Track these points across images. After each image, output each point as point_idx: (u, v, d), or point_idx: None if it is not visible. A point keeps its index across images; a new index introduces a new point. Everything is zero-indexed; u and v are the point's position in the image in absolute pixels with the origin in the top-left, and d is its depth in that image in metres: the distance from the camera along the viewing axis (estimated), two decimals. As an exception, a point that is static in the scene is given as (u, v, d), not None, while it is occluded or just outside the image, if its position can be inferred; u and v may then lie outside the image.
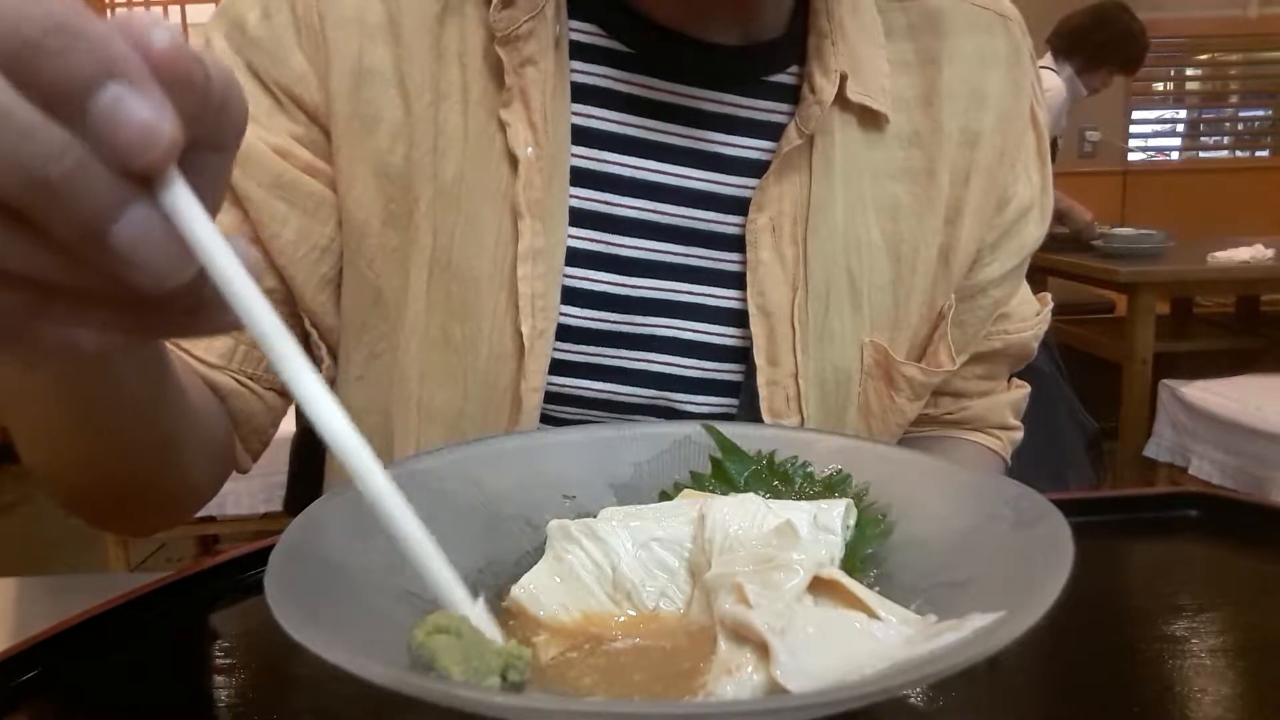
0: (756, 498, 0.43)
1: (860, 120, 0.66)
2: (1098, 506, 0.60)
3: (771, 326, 0.65)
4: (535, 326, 0.61)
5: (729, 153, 0.65)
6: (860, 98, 0.64)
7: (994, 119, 0.68)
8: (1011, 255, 0.72)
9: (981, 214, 0.69)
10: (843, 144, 0.65)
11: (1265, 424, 2.26)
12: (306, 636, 0.29)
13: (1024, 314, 0.77)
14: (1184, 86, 4.99)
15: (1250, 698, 0.42)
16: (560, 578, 0.40)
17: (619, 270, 0.64)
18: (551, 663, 0.36)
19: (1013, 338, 0.76)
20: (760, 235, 0.64)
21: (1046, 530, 0.36)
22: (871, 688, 0.29)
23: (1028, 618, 0.29)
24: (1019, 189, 0.71)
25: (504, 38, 0.59)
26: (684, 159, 0.64)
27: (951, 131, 0.67)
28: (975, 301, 0.72)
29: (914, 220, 0.67)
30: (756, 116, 0.65)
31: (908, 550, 0.41)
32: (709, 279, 0.65)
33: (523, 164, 0.60)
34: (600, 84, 0.63)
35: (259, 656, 0.46)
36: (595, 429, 0.50)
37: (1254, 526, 0.59)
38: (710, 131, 0.64)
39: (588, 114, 0.63)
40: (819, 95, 0.63)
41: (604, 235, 0.64)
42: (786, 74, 0.65)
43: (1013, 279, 0.74)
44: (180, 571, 0.50)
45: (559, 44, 0.61)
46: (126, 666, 0.45)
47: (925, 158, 0.67)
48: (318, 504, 0.39)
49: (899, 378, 0.68)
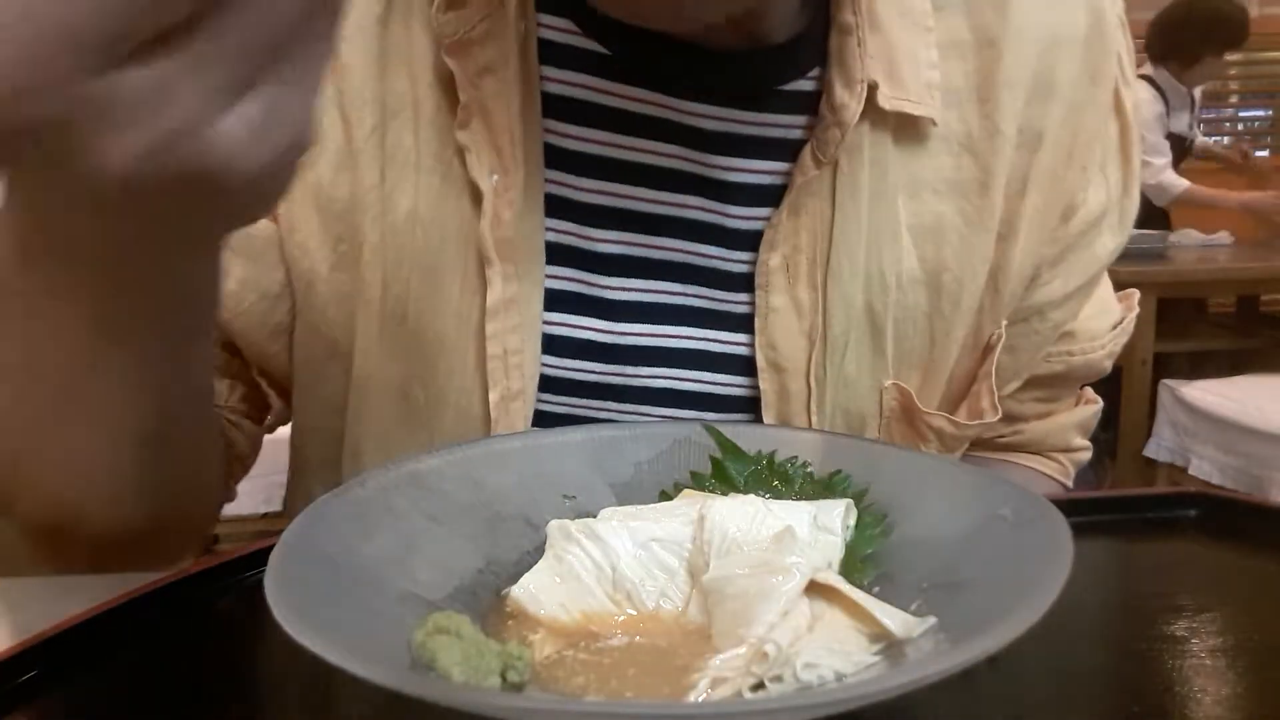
0: (756, 499, 0.43)
1: (897, 132, 0.54)
2: (1098, 506, 0.60)
3: (783, 383, 0.56)
4: (509, 388, 0.53)
5: (734, 179, 0.55)
6: (897, 104, 0.53)
7: (1062, 113, 0.57)
8: (1077, 273, 0.61)
9: (1042, 227, 0.58)
10: (873, 161, 0.54)
11: (1265, 424, 2.27)
12: (306, 636, 0.29)
13: (1094, 330, 0.66)
14: (1184, 86, 4.98)
15: (1250, 698, 0.42)
16: (560, 577, 0.40)
17: (605, 315, 0.55)
18: (546, 661, 0.36)
19: (1077, 360, 0.65)
20: (773, 277, 0.54)
21: (1046, 530, 0.36)
22: (871, 688, 0.29)
23: (1028, 618, 0.29)
24: (1090, 194, 0.59)
25: (455, 44, 0.49)
26: (679, 185, 0.54)
27: (1010, 133, 0.56)
28: (1030, 325, 0.61)
29: (960, 245, 0.56)
30: (768, 134, 0.55)
31: (908, 550, 0.41)
32: (711, 322, 0.56)
33: (487, 196, 0.50)
34: (577, 94, 0.53)
35: (259, 656, 0.46)
36: (595, 429, 0.50)
37: (1254, 526, 0.59)
38: (710, 154, 0.54)
39: (563, 132, 0.53)
40: (839, 114, 0.52)
41: (586, 275, 0.55)
42: (806, 79, 0.54)
43: (1078, 299, 0.63)
44: (180, 571, 0.50)
45: (525, 46, 0.51)
46: (126, 666, 0.45)
47: (978, 167, 0.56)
48: (318, 504, 0.39)
49: (925, 428, 0.58)
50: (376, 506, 0.41)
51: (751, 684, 0.33)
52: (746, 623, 0.35)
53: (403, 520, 0.41)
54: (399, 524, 0.41)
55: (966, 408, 0.60)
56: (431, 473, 0.44)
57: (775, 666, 0.33)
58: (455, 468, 0.45)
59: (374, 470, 0.43)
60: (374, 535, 0.40)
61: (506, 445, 0.48)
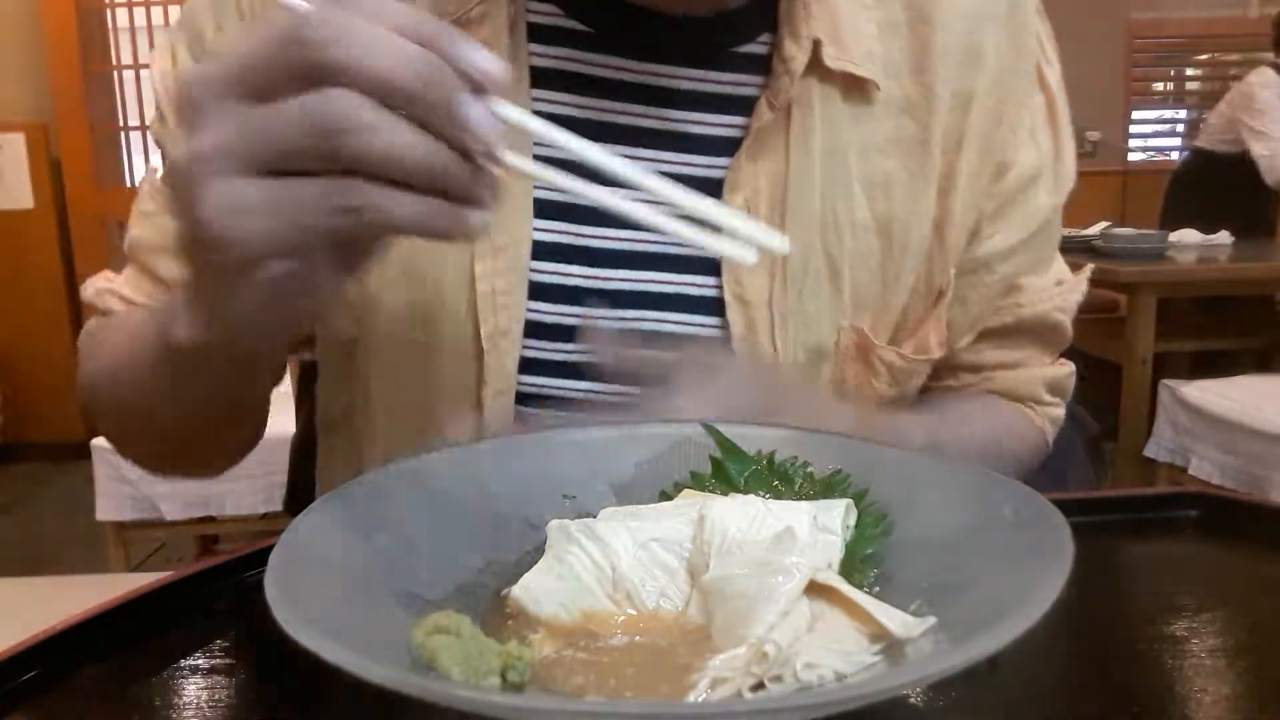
0: (756, 499, 0.43)
1: (845, 91, 0.62)
2: (1098, 506, 0.60)
3: (750, 316, 0.62)
4: (497, 325, 0.60)
5: (699, 131, 0.62)
6: (841, 64, 0.60)
7: (989, 80, 0.64)
8: (1017, 226, 0.67)
9: (976, 182, 0.65)
10: (824, 117, 0.61)
11: (1265, 424, 2.26)
12: (306, 636, 0.29)
13: (1040, 286, 0.71)
14: (1184, 86, 4.99)
15: (1250, 698, 0.42)
16: (560, 578, 0.40)
17: (590, 263, 0.62)
18: (545, 661, 0.36)
19: (1026, 311, 0.70)
20: None
21: (1046, 530, 0.36)
22: (871, 688, 0.29)
23: (1028, 618, 0.29)
24: (1021, 155, 0.66)
25: (455, 22, 0.58)
26: (652, 141, 0.62)
27: (944, 95, 0.63)
28: (979, 277, 0.68)
29: (907, 196, 0.64)
30: (726, 91, 0.62)
31: (908, 550, 0.41)
32: (684, 267, 0.63)
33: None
34: (561, 67, 0.61)
35: (259, 656, 0.46)
36: (595, 429, 0.50)
37: (1254, 526, 0.59)
38: (678, 110, 0.62)
39: (549, 99, 0.61)
40: (789, 64, 0.60)
41: (572, 227, 0.62)
42: (758, 43, 0.62)
43: (1024, 253, 0.69)
44: (180, 571, 0.50)
45: (515, 27, 0.59)
46: (127, 666, 0.45)
47: (918, 126, 0.63)
48: (318, 504, 0.39)
49: (877, 362, 0.65)
50: (376, 506, 0.41)
51: (751, 684, 0.33)
52: (746, 623, 0.35)
53: (403, 520, 0.41)
54: (399, 524, 0.41)
55: (914, 344, 0.66)
56: (431, 473, 0.44)
57: (775, 666, 0.33)
58: (455, 468, 0.45)
59: (374, 470, 0.43)
60: (374, 535, 0.40)
61: (506, 445, 0.48)
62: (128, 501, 2.39)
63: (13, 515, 3.54)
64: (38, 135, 3.99)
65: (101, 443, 2.40)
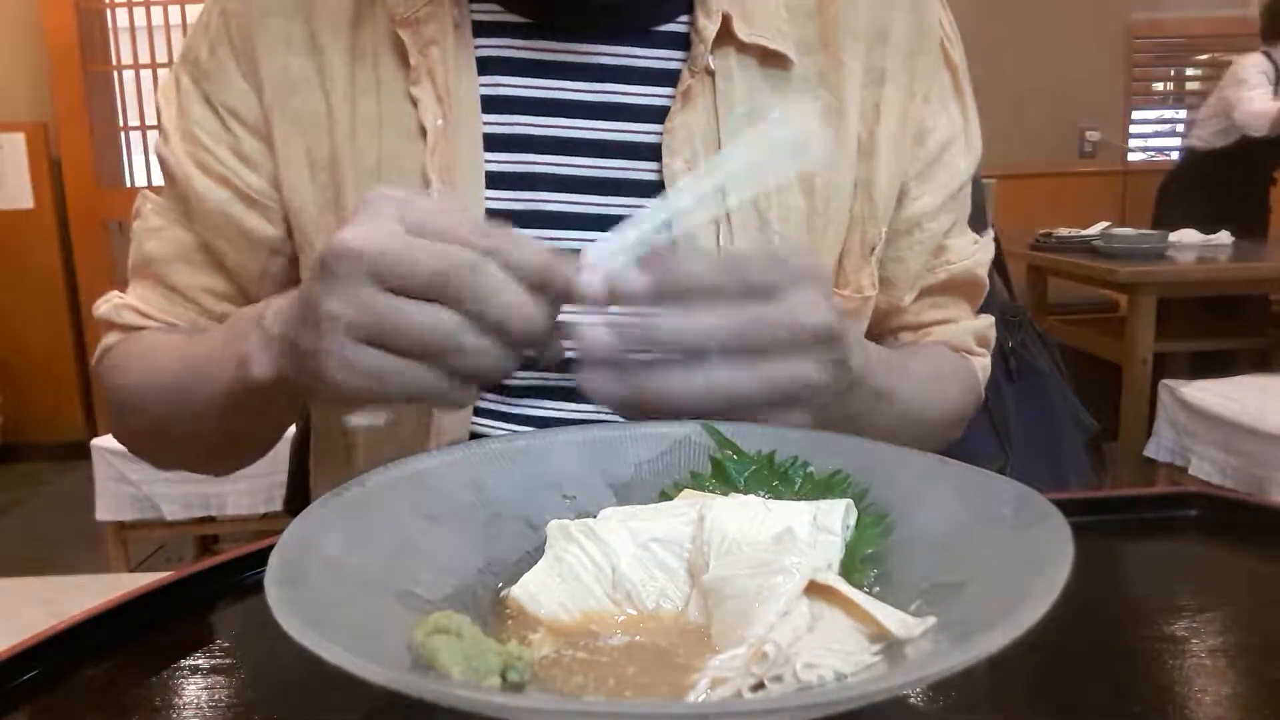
0: (756, 499, 0.43)
1: (762, 62, 0.69)
2: (1098, 506, 0.60)
3: None
4: None
5: (632, 101, 0.68)
6: (754, 38, 0.67)
7: (899, 57, 0.72)
8: (941, 186, 0.75)
9: (899, 147, 0.72)
10: (744, 85, 0.68)
11: (1265, 424, 2.26)
12: (306, 636, 0.29)
13: (961, 245, 0.80)
14: (1184, 86, 4.99)
15: (1250, 698, 0.42)
16: (560, 578, 0.40)
17: (541, 225, 0.67)
18: (545, 660, 0.36)
19: (955, 267, 0.79)
20: (678, 177, 0.67)
21: (1046, 530, 0.36)
22: (871, 688, 0.29)
23: (1028, 618, 0.29)
24: (938, 122, 0.74)
25: (404, 20, 0.65)
26: (591, 113, 0.68)
27: (855, 69, 0.70)
28: (913, 236, 0.75)
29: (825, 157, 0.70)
30: (653, 65, 0.69)
31: (908, 550, 0.41)
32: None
33: (431, 134, 0.65)
34: (504, 54, 0.68)
35: (259, 656, 0.46)
36: (595, 429, 0.50)
37: (1254, 526, 0.59)
38: (611, 84, 0.68)
39: (495, 83, 0.67)
40: (702, 34, 0.67)
41: (524, 194, 0.67)
42: (679, 22, 0.69)
43: (948, 211, 0.77)
44: (180, 571, 0.50)
45: (459, 26, 0.66)
46: (127, 666, 0.45)
47: (834, 96, 0.70)
48: (318, 504, 0.39)
49: None
50: (376, 506, 0.41)
51: (751, 684, 0.33)
52: (746, 623, 0.35)
53: (403, 520, 0.41)
54: (399, 524, 0.41)
55: (850, 288, 0.73)
56: (431, 473, 0.44)
57: (775, 666, 0.33)
58: (455, 468, 0.45)
59: (374, 470, 0.43)
60: (374, 535, 0.40)
61: (506, 445, 0.48)
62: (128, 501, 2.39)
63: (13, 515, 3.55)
64: (38, 135, 3.99)
65: (101, 443, 2.40)
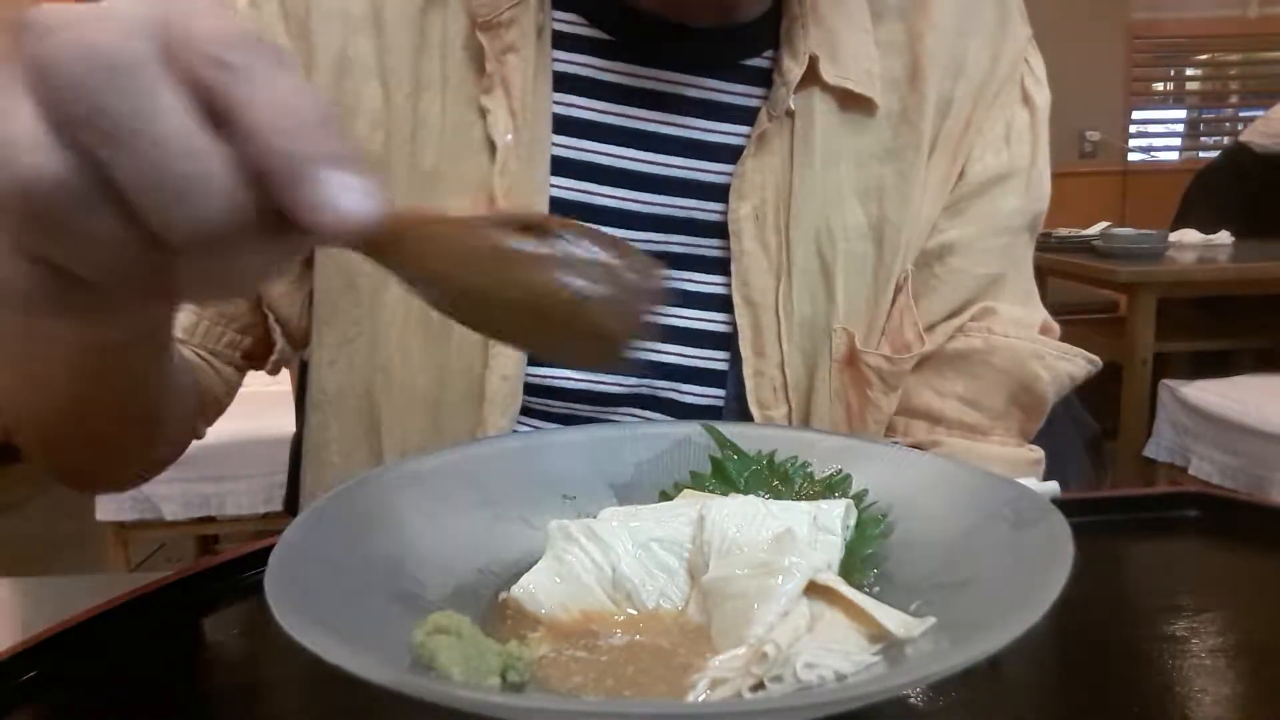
0: (756, 499, 0.43)
1: (843, 104, 0.65)
2: (1098, 506, 0.60)
3: (756, 316, 0.64)
4: None
5: (708, 139, 0.65)
6: (839, 80, 0.64)
7: (968, 87, 0.67)
8: (974, 220, 0.67)
9: (943, 184, 0.67)
10: (823, 128, 0.64)
11: (1265, 424, 2.26)
12: (306, 636, 0.29)
13: (1018, 317, 0.68)
14: (1184, 86, 4.99)
15: (1250, 698, 0.42)
16: (560, 578, 0.40)
17: None
18: (545, 660, 0.36)
19: (999, 339, 0.66)
20: (743, 224, 0.64)
21: (1046, 530, 0.36)
22: (871, 688, 0.29)
23: (1028, 618, 0.29)
24: (988, 158, 0.68)
25: (485, 24, 0.60)
26: (664, 146, 0.64)
27: (933, 100, 0.67)
28: (932, 270, 0.67)
29: (898, 201, 0.66)
30: (735, 101, 0.65)
31: (908, 550, 0.41)
32: (692, 265, 0.65)
33: (500, 150, 0.60)
34: (582, 73, 0.63)
35: (259, 656, 0.46)
36: (595, 429, 0.50)
37: (1254, 526, 0.59)
38: (690, 117, 0.64)
39: (570, 103, 0.63)
40: (785, 76, 0.63)
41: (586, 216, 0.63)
42: (763, 58, 0.65)
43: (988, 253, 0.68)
44: (180, 571, 0.50)
45: (541, 33, 0.62)
46: (127, 666, 0.45)
47: (913, 133, 0.66)
48: (318, 503, 0.39)
49: (866, 370, 0.65)
50: (376, 506, 0.41)
51: (751, 684, 0.33)
52: (746, 623, 0.35)
53: (403, 520, 0.41)
54: (399, 524, 0.41)
55: (890, 343, 0.67)
56: (431, 473, 0.44)
57: (775, 666, 0.33)
58: (455, 468, 0.45)
59: (374, 470, 0.43)
60: (374, 535, 0.40)
61: (506, 445, 0.48)
62: (128, 501, 2.39)
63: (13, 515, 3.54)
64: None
65: (101, 443, 2.39)
